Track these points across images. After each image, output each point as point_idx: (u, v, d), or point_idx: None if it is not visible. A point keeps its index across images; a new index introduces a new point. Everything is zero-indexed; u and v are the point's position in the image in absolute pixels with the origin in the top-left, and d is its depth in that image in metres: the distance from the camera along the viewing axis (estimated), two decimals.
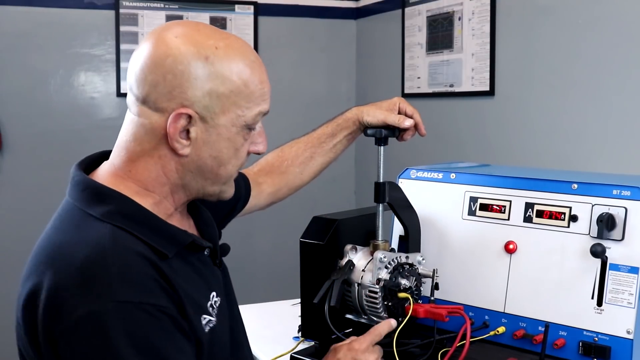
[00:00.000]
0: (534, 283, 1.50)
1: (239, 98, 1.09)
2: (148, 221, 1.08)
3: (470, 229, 1.61)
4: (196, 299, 1.09)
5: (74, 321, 0.97)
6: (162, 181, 1.12)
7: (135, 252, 1.02)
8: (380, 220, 1.55)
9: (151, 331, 0.99)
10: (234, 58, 1.08)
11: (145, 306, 0.98)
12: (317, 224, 1.63)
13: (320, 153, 1.63)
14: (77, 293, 0.97)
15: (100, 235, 1.03)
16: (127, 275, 0.99)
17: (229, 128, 1.09)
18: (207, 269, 1.17)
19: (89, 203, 1.07)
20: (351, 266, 1.51)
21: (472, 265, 1.59)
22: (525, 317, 1.50)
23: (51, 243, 1.05)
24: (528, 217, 1.53)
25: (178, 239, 1.10)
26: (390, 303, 1.46)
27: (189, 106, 1.07)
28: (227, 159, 1.12)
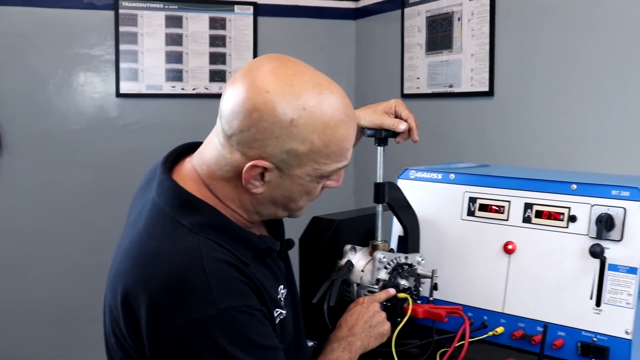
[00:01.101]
0: (533, 283, 1.50)
1: (318, 156, 1.13)
2: (232, 231, 1.15)
3: (470, 229, 1.61)
4: (272, 295, 1.18)
5: (180, 328, 1.05)
6: (238, 204, 1.19)
7: (225, 261, 1.10)
8: (379, 221, 1.55)
9: (250, 328, 1.08)
10: (319, 119, 1.11)
11: (243, 308, 1.08)
12: (317, 225, 1.63)
13: None
14: (180, 302, 1.06)
15: (194, 247, 1.10)
16: (223, 283, 1.07)
17: (303, 178, 1.15)
18: (275, 264, 1.24)
19: (181, 212, 1.14)
20: (350, 266, 1.52)
21: (471, 266, 1.59)
22: (524, 317, 1.50)
23: (146, 249, 1.12)
24: (527, 217, 1.53)
25: (257, 246, 1.18)
26: (390, 303, 1.47)
27: (266, 159, 1.12)
28: (299, 197, 1.18)
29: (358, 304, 1.40)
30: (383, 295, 1.44)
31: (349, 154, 1.17)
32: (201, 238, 1.11)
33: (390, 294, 1.45)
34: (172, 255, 1.09)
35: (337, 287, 1.47)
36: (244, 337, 1.08)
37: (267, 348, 1.12)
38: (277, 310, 1.20)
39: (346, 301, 1.52)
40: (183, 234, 1.12)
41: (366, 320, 1.37)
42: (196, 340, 1.05)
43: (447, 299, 1.61)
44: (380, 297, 1.44)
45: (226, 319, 1.06)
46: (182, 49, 3.60)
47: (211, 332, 1.05)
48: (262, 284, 1.15)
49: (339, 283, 1.48)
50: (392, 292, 1.45)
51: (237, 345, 1.07)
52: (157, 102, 3.58)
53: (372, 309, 1.39)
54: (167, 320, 1.06)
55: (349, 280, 1.51)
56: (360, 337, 1.34)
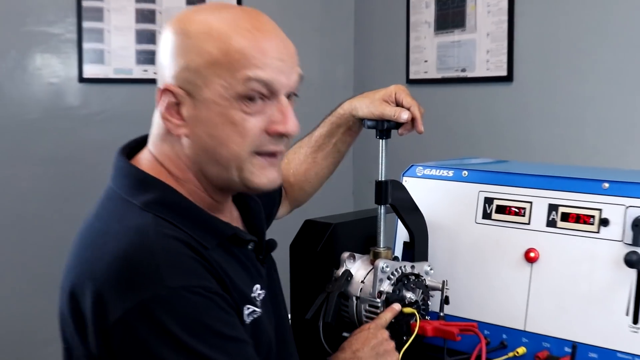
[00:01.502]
0: (559, 297, 1.50)
1: (220, 69, 1.15)
2: (189, 212, 1.18)
3: (485, 234, 1.61)
4: (241, 288, 1.19)
5: (125, 314, 1.05)
6: (183, 167, 1.22)
7: (177, 238, 1.12)
8: (381, 225, 1.55)
9: (208, 314, 1.09)
10: (214, 26, 1.16)
11: (198, 289, 1.08)
12: (310, 229, 1.63)
13: (322, 156, 1.68)
14: (124, 285, 1.07)
15: (143, 224, 1.13)
16: (174, 261, 1.09)
17: (218, 102, 1.16)
18: (250, 262, 1.26)
19: (132, 191, 1.18)
20: (348, 277, 1.51)
21: (488, 277, 1.60)
22: (549, 336, 1.50)
23: (93, 232, 1.16)
24: (552, 220, 1.53)
25: (220, 231, 1.21)
26: (394, 320, 1.46)
27: (170, 82, 1.18)
28: (227, 137, 1.17)
29: (364, 329, 1.41)
30: (389, 315, 1.44)
31: (269, 66, 1.17)
32: (152, 216, 1.15)
33: (395, 311, 1.45)
34: (118, 235, 1.12)
35: (334, 301, 1.47)
36: (200, 322, 1.08)
37: (232, 340, 1.12)
38: (249, 307, 1.21)
39: (344, 317, 1.52)
40: (133, 213, 1.15)
41: (373, 346, 1.37)
42: (143, 326, 1.05)
43: (460, 314, 1.61)
44: (387, 318, 1.44)
45: (177, 300, 1.07)
46: (155, 27, 3.59)
47: (160, 315, 1.05)
48: (226, 272, 1.17)
49: (335, 296, 1.48)
50: (397, 309, 1.45)
51: (192, 331, 1.07)
52: (126, 88, 3.57)
53: (380, 336, 1.39)
54: (111, 307, 1.07)
55: (347, 293, 1.51)
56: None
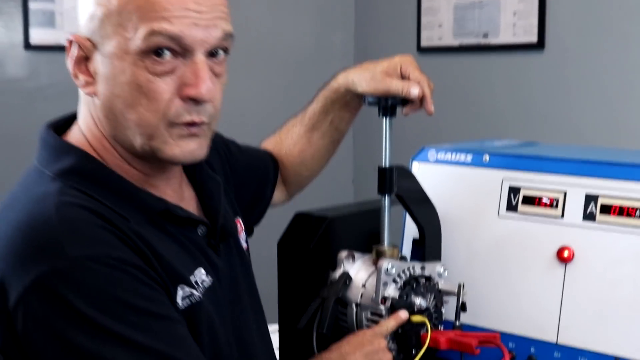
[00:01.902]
0: (598, 303, 1.50)
1: (121, 18, 1.20)
2: (109, 182, 1.24)
3: (510, 230, 1.62)
4: (173, 266, 1.24)
5: (25, 291, 1.10)
6: (99, 134, 1.29)
7: (84, 207, 1.17)
8: (386, 219, 1.56)
9: (117, 286, 1.13)
10: None
11: (106, 259, 1.13)
12: (301, 223, 1.64)
13: (318, 136, 1.71)
14: (22, 259, 1.12)
15: (48, 192, 1.19)
16: (77, 230, 1.14)
17: (120, 57, 1.21)
18: (195, 246, 1.32)
19: (47, 161, 1.25)
20: (347, 280, 1.52)
21: (513, 279, 1.60)
22: (586, 349, 1.51)
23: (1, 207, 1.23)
24: (589, 214, 1.54)
25: (148, 205, 1.26)
26: (401, 330, 1.47)
27: (76, 34, 1.26)
28: (133, 99, 1.23)
29: (359, 334, 1.43)
30: (392, 323, 1.45)
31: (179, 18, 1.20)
32: (61, 184, 1.21)
33: (401, 319, 1.46)
34: (21, 206, 1.18)
35: (330, 308, 1.48)
36: (111, 296, 1.12)
37: (156, 316, 1.16)
38: (184, 289, 1.25)
39: (342, 327, 1.52)
40: (42, 183, 1.22)
41: (366, 353, 1.39)
42: (43, 304, 1.09)
43: (480, 324, 1.62)
44: (389, 327, 1.45)
45: (81, 271, 1.11)
46: None
47: (61, 290, 1.09)
48: (154, 249, 1.21)
49: (331, 303, 1.48)
50: (403, 317, 1.46)
51: (102, 307, 1.11)
52: None
53: (377, 345, 1.41)
54: (11, 287, 1.11)
55: (345, 299, 1.52)
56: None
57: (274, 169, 1.71)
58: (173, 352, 1.16)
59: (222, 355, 1.34)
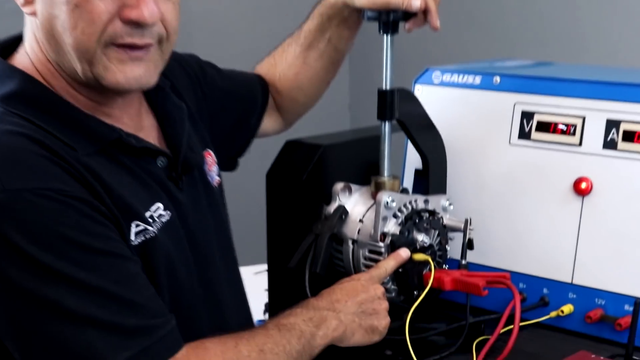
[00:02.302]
0: (618, 240, 1.51)
1: None
2: (55, 108, 1.23)
3: (522, 159, 1.62)
4: (126, 200, 1.25)
5: None
6: (42, 58, 1.29)
7: (24, 135, 1.17)
8: (386, 147, 1.55)
9: (59, 220, 1.13)
10: None
11: (47, 192, 1.12)
12: (293, 152, 1.64)
13: (315, 56, 1.70)
14: None
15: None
16: (16, 160, 1.14)
17: None
18: (154, 179, 1.31)
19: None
20: (343, 215, 1.52)
21: (525, 214, 1.61)
22: (604, 290, 1.52)
23: None
24: (610, 141, 1.54)
25: (98, 134, 1.26)
26: (402, 269, 1.48)
27: None
28: (70, 20, 1.22)
29: (354, 279, 1.43)
30: (391, 264, 1.46)
31: None
32: (3, 110, 1.21)
33: (402, 258, 1.46)
34: None
35: (324, 245, 1.48)
36: (52, 231, 1.12)
37: (102, 253, 1.16)
38: (138, 225, 1.27)
39: (337, 266, 1.53)
40: None
41: (360, 302, 1.39)
42: None
43: (488, 262, 1.63)
44: (388, 268, 1.46)
45: (20, 204, 1.11)
46: None
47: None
48: (104, 182, 1.22)
49: (326, 239, 1.49)
50: (404, 256, 1.47)
51: (42, 242, 1.11)
52: None
53: (373, 292, 1.41)
54: None
55: (340, 236, 1.52)
56: (342, 318, 1.36)
57: (262, 95, 1.70)
58: (121, 291, 1.17)
59: (184, 295, 1.35)
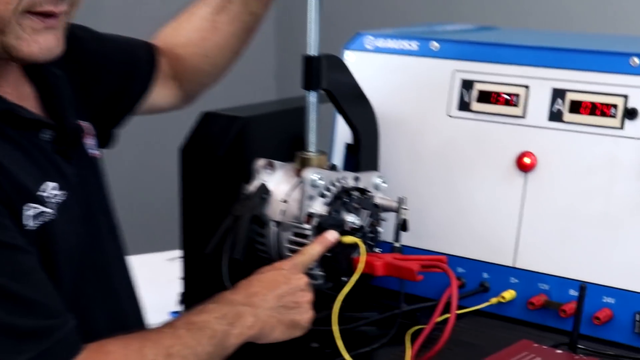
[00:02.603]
0: (564, 220, 1.53)
1: None
2: None
3: (462, 132, 1.63)
4: (18, 180, 1.24)
5: None
6: None
7: None
8: (313, 120, 1.55)
9: None
10: None
11: None
12: (210, 125, 1.63)
13: (227, 20, 1.67)
14: None
15: None
16: None
17: None
18: (44, 156, 1.32)
19: None
20: (265, 194, 1.52)
21: (464, 193, 1.62)
22: (548, 274, 1.54)
23: None
24: (556, 112, 1.55)
25: None
26: (330, 253, 1.48)
27: None
28: None
29: (275, 268, 1.42)
30: (317, 249, 1.45)
31: None
32: None
33: (329, 242, 1.45)
34: None
35: (244, 228, 1.47)
36: None
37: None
38: (33, 207, 1.26)
39: (258, 252, 1.53)
40: None
41: (280, 295, 1.38)
42: None
43: (424, 245, 1.64)
44: (313, 254, 1.45)
45: None
46: None
47: None
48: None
49: (246, 222, 1.48)
50: (332, 239, 1.46)
51: None
52: None
53: (295, 283, 1.40)
54: None
55: (262, 218, 1.52)
56: (260, 314, 1.35)
57: (148, 61, 1.65)
58: (16, 288, 1.16)
59: (84, 284, 1.35)
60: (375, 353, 1.48)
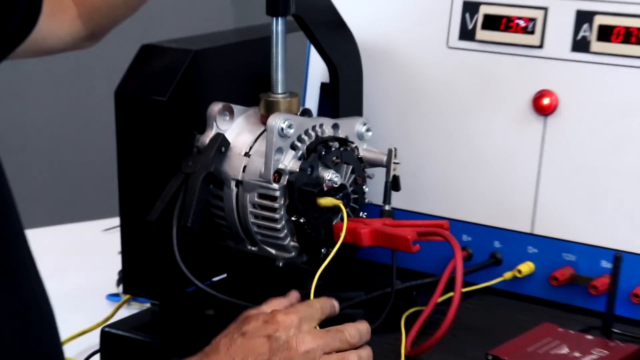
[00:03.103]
0: (593, 174, 1.52)
1: None
2: None
3: (465, 67, 1.63)
4: None
5: None
6: None
7: None
8: (279, 54, 1.53)
9: None
10: None
11: None
12: (152, 61, 1.60)
13: None
14: None
15: None
16: None
17: None
18: None
19: None
20: (223, 147, 1.50)
21: (467, 142, 1.62)
22: (574, 241, 1.53)
23: None
24: (581, 41, 1.53)
25: None
26: (304, 219, 1.46)
27: None
28: None
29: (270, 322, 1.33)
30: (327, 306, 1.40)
31: None
32: None
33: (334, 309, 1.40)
34: None
35: (197, 189, 1.46)
36: None
37: None
38: None
39: (215, 218, 1.54)
40: None
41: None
42: None
43: (420, 209, 1.65)
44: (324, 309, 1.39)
45: None
46: None
47: None
48: None
49: (199, 181, 1.46)
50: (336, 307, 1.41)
51: None
52: None
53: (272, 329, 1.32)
54: None
55: (220, 176, 1.51)
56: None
57: None
58: None
59: None
60: None
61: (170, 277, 1.49)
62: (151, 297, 1.60)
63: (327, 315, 1.37)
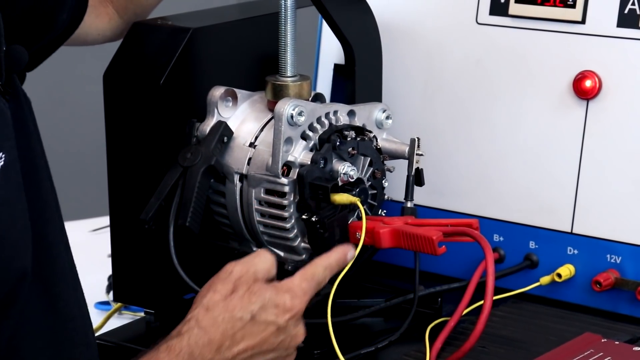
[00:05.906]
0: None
1: None
2: None
3: (497, 46, 1.64)
4: None
5: None
6: None
7: None
8: (289, 32, 1.54)
9: None
10: None
11: None
12: (145, 41, 1.60)
13: None
14: None
15: None
16: None
17: None
18: None
19: None
20: (225, 136, 1.50)
21: (500, 130, 1.63)
22: (620, 242, 1.54)
23: None
24: (629, 14, 1.54)
25: None
26: (316, 217, 1.46)
27: None
28: None
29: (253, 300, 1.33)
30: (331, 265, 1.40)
31: None
32: None
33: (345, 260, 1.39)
34: None
35: (197, 184, 1.46)
36: None
37: None
38: None
39: (216, 216, 1.55)
40: None
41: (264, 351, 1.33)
42: None
43: (447, 206, 1.66)
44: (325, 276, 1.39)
45: None
46: None
47: None
48: None
49: (199, 175, 1.47)
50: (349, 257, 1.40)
51: None
52: None
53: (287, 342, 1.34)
54: None
55: (221, 169, 1.50)
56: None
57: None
58: None
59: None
60: (382, 353, 1.48)
61: (166, 283, 1.51)
62: (145, 305, 1.61)
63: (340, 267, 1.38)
